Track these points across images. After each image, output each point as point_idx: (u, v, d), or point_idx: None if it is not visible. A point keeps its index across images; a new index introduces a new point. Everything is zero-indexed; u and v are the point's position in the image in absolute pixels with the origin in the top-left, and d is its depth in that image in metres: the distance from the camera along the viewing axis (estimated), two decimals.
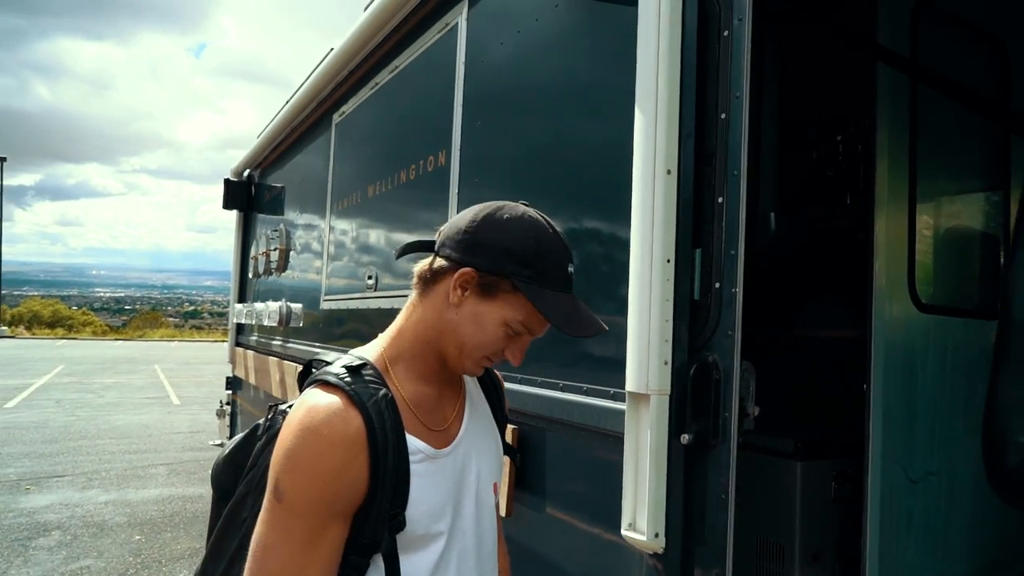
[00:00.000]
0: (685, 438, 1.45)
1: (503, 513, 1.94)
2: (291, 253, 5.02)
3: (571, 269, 1.14)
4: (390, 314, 3.19)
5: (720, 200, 1.46)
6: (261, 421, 1.25)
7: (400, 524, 1.07)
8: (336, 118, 4.08)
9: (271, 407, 1.24)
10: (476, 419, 1.26)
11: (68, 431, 9.99)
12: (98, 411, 12.06)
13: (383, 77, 3.39)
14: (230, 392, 6.68)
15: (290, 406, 1.18)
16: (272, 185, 5.75)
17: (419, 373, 1.16)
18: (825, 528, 2.45)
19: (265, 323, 5.09)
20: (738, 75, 1.45)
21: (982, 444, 1.41)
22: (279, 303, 4.92)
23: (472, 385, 1.30)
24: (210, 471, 1.31)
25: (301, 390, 1.13)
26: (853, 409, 2.31)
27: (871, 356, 2.20)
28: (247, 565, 1.05)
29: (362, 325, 3.45)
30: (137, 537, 5.44)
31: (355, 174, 3.74)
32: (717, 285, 1.46)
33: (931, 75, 2.26)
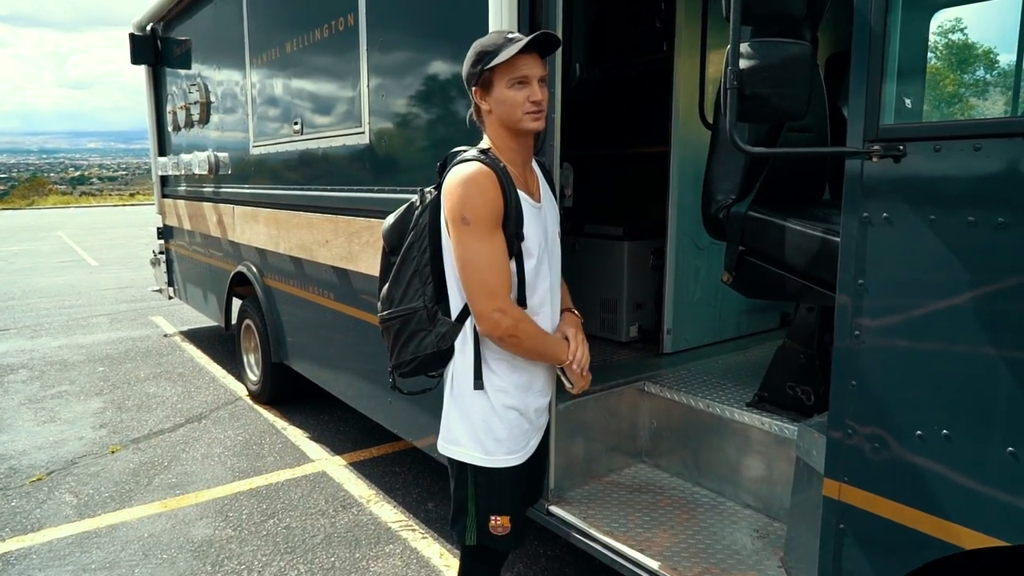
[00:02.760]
0: None
1: None
2: (212, 105, 5.47)
3: (509, 36, 1.69)
4: (315, 154, 3.94)
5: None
6: (415, 198, 1.89)
7: (521, 236, 1.71)
8: None
9: (420, 190, 1.88)
10: (546, 194, 1.90)
11: None
12: (15, 276, 12.15)
13: None
14: (162, 241, 7.21)
15: (432, 189, 1.83)
16: (181, 39, 6.00)
17: (511, 159, 1.75)
18: (646, 287, 3.53)
19: (195, 172, 5.62)
20: None
21: (701, 201, 2.38)
22: (207, 152, 5.44)
23: (540, 176, 1.91)
24: (381, 232, 1.94)
25: (443, 174, 1.78)
26: (662, 203, 3.29)
27: (672, 162, 3.15)
28: (463, 275, 1.70)
29: (293, 164, 4.13)
30: (101, 368, 6.17)
31: (272, 30, 4.23)
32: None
33: None
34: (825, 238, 2.03)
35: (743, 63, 1.46)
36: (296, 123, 3.97)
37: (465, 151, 1.79)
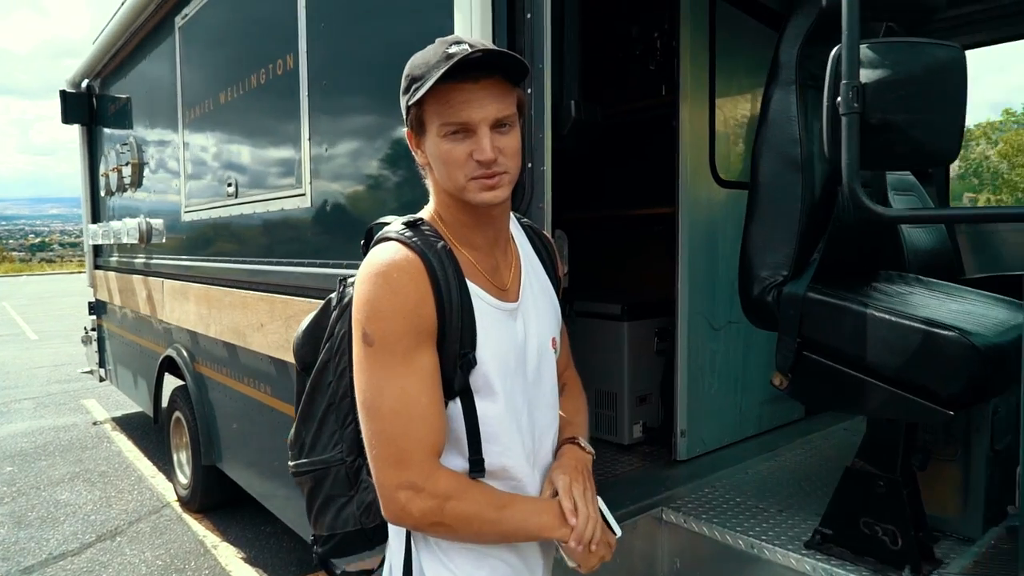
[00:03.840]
0: None
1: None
2: (145, 167, 4.85)
3: (451, 49, 1.08)
4: (251, 220, 3.32)
5: (529, 91, 1.70)
6: (333, 295, 1.31)
7: (470, 362, 1.12)
8: (179, 21, 3.93)
9: (340, 280, 1.31)
10: (534, 281, 1.29)
11: None
12: None
13: None
14: (94, 317, 6.46)
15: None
16: (116, 96, 5.44)
17: (463, 236, 1.18)
18: (650, 376, 2.92)
19: (124, 241, 4.96)
20: None
21: (738, 280, 1.80)
22: (137, 219, 4.80)
23: (527, 251, 1.33)
24: (291, 347, 1.38)
25: (367, 250, 1.21)
26: (668, 274, 2.73)
27: (679, 226, 2.59)
28: (362, 415, 1.12)
29: (226, 233, 3.51)
30: (9, 468, 5.32)
31: (205, 81, 3.68)
32: (529, 165, 1.72)
33: None
34: (929, 332, 1.45)
35: (867, 74, 0.89)
36: (230, 184, 3.36)
37: (395, 220, 1.22)
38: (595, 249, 3.50)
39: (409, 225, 1.16)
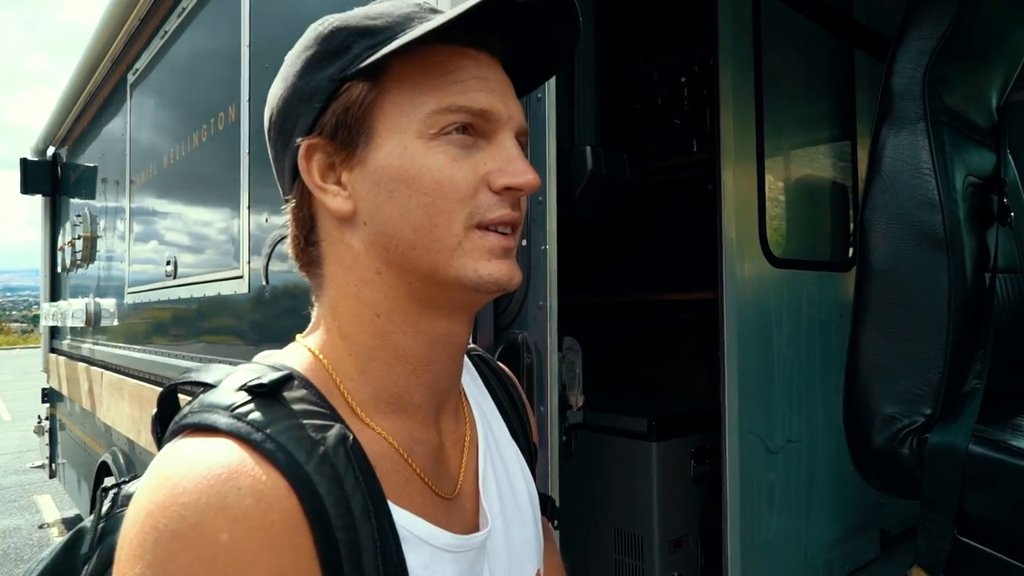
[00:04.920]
0: None
1: None
2: (98, 240, 4.32)
3: (430, 2, 0.65)
4: (188, 306, 2.72)
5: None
6: (87, 521, 0.68)
7: None
8: (130, 77, 3.47)
9: (104, 490, 0.69)
10: (499, 468, 0.72)
11: None
12: None
13: (172, 23, 2.85)
14: (48, 405, 5.82)
15: (125, 495, 0.66)
16: (77, 164, 4.97)
17: (396, 384, 0.63)
18: (686, 512, 2.25)
19: (70, 324, 4.39)
20: None
21: (843, 417, 1.18)
22: (84, 300, 4.24)
23: (483, 408, 0.76)
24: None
25: (160, 443, 0.59)
26: (708, 376, 2.10)
27: (723, 317, 1.98)
28: None
29: (163, 320, 2.92)
30: None
31: (152, 143, 3.18)
32: (524, 243, 1.13)
33: None
34: None
35: None
36: (168, 263, 2.79)
37: (227, 375, 0.59)
38: (611, 345, 2.86)
39: (257, 391, 0.55)
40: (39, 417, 6.01)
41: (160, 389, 0.66)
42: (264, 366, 0.60)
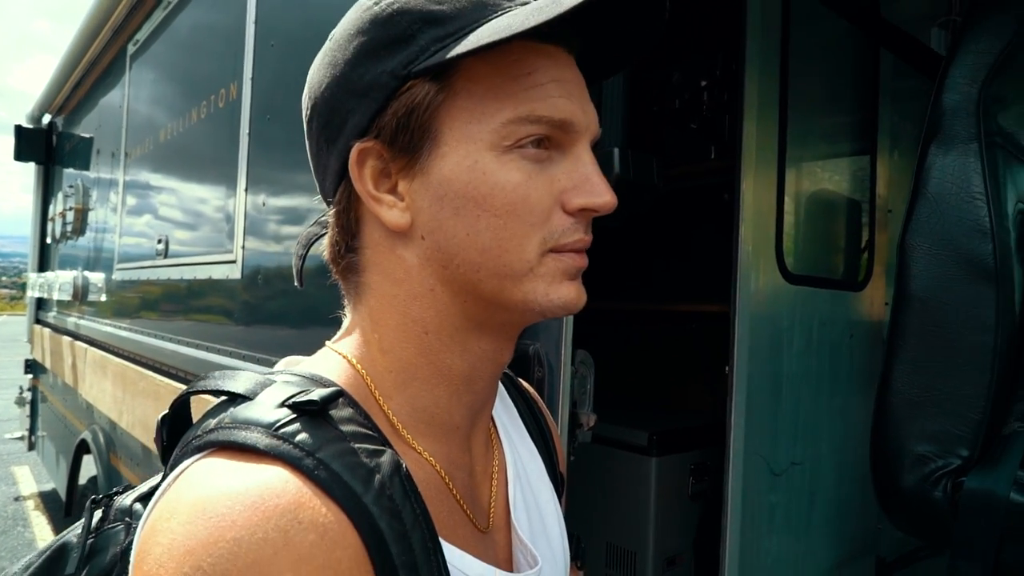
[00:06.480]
0: None
1: None
2: (88, 213, 4.21)
3: None
4: (178, 287, 2.62)
5: None
6: (73, 533, 0.61)
7: None
8: (131, 48, 3.36)
9: (93, 500, 0.63)
10: (532, 495, 0.67)
11: None
12: None
13: None
14: (31, 376, 5.71)
15: (141, 498, 0.60)
16: (73, 133, 4.86)
17: (436, 405, 0.57)
18: (682, 529, 2.18)
19: (56, 296, 4.28)
20: None
21: (871, 453, 1.11)
22: (73, 272, 4.14)
23: (512, 428, 0.71)
24: None
25: (170, 463, 0.51)
26: (713, 390, 2.03)
27: (735, 332, 1.90)
28: None
29: (151, 300, 2.83)
30: None
31: (150, 116, 3.08)
32: None
33: None
34: None
35: None
36: (160, 241, 2.70)
37: (257, 384, 0.51)
38: (609, 352, 2.78)
39: (305, 409, 0.48)
40: (20, 388, 5.91)
41: (142, 370, 0.59)
42: (303, 378, 0.53)
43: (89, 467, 3.74)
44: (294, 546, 0.41)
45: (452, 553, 0.52)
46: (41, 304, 5.48)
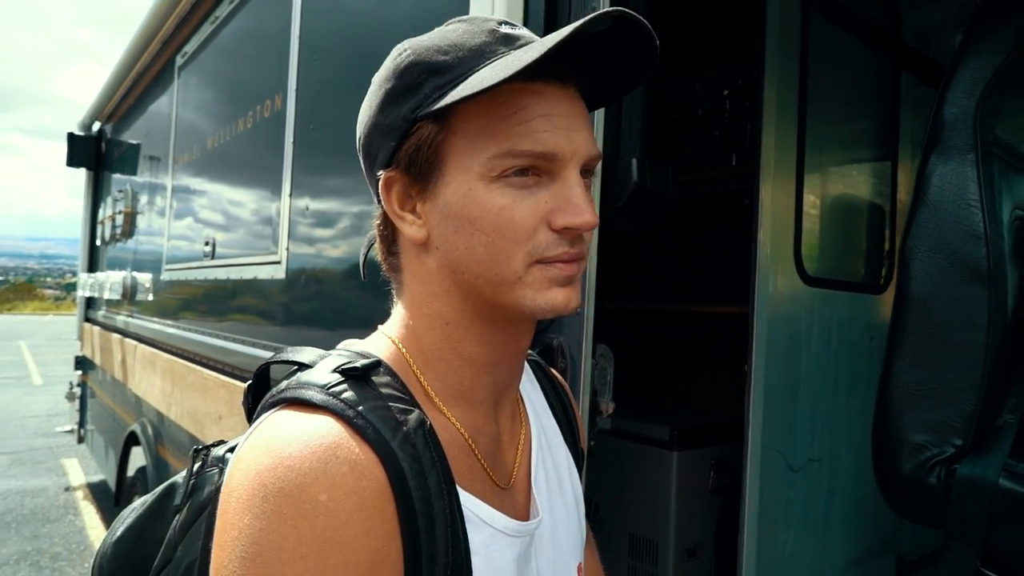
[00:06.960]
0: None
1: None
2: (138, 216, 4.42)
3: (503, 27, 0.65)
4: (224, 287, 2.78)
5: None
6: (180, 476, 0.76)
7: None
8: (179, 60, 3.54)
9: (197, 450, 0.76)
10: (549, 465, 0.78)
11: None
12: None
13: (223, 9, 2.90)
14: (80, 372, 5.97)
15: (231, 449, 0.72)
16: (122, 140, 5.09)
17: (462, 382, 0.68)
18: (702, 522, 2.25)
19: (106, 296, 4.50)
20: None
21: (872, 442, 1.18)
22: (122, 273, 4.35)
23: (538, 408, 0.81)
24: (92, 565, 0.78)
25: (253, 416, 0.66)
26: (733, 390, 2.11)
27: (753, 333, 1.98)
28: None
29: (198, 299, 2.99)
30: None
31: (197, 124, 3.25)
32: None
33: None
34: None
35: None
36: (207, 243, 2.86)
37: (318, 357, 0.67)
38: (635, 354, 2.87)
39: (350, 374, 0.62)
40: (70, 383, 6.18)
41: (190, 365, 0.71)
42: (353, 352, 0.66)
43: (137, 458, 3.94)
44: (330, 475, 0.54)
45: (467, 499, 0.63)
46: (90, 303, 5.74)
